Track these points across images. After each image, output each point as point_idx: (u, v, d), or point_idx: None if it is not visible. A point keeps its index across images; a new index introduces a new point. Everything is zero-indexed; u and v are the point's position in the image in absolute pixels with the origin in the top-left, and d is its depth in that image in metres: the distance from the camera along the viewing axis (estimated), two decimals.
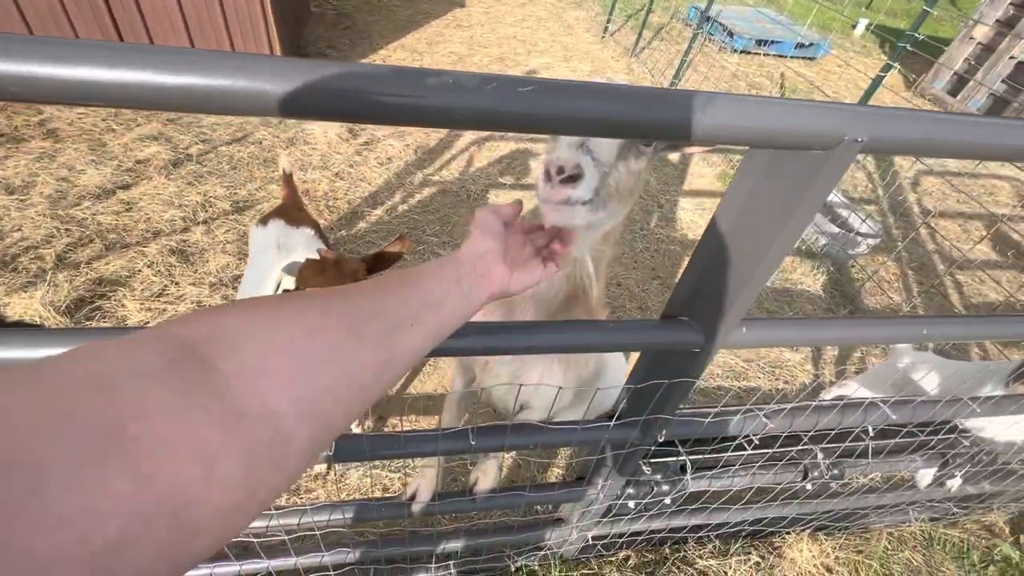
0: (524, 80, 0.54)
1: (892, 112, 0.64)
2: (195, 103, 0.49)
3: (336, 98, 0.50)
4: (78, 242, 2.79)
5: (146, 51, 0.47)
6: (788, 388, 2.80)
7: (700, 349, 0.93)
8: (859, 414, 1.28)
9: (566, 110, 0.55)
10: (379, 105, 0.52)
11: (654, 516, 1.64)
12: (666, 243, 3.61)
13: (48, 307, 2.38)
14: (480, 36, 6.28)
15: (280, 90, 0.49)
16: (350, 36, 5.63)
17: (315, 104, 0.50)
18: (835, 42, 8.15)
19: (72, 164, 3.28)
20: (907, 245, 3.96)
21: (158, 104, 0.48)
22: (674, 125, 0.58)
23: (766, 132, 0.62)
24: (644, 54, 6.33)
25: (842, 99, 6.11)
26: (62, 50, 0.45)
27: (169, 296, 2.61)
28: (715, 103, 0.59)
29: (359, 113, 0.52)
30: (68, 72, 0.45)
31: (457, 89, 0.52)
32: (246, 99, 0.49)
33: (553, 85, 0.55)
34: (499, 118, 0.55)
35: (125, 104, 0.48)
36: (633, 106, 0.57)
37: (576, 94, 0.55)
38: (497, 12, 7.18)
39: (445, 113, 0.53)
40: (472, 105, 0.52)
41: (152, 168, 3.37)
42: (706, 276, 0.88)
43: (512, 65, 5.70)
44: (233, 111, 0.50)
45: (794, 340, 0.95)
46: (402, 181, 3.72)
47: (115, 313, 2.49)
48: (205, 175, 3.41)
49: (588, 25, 7.26)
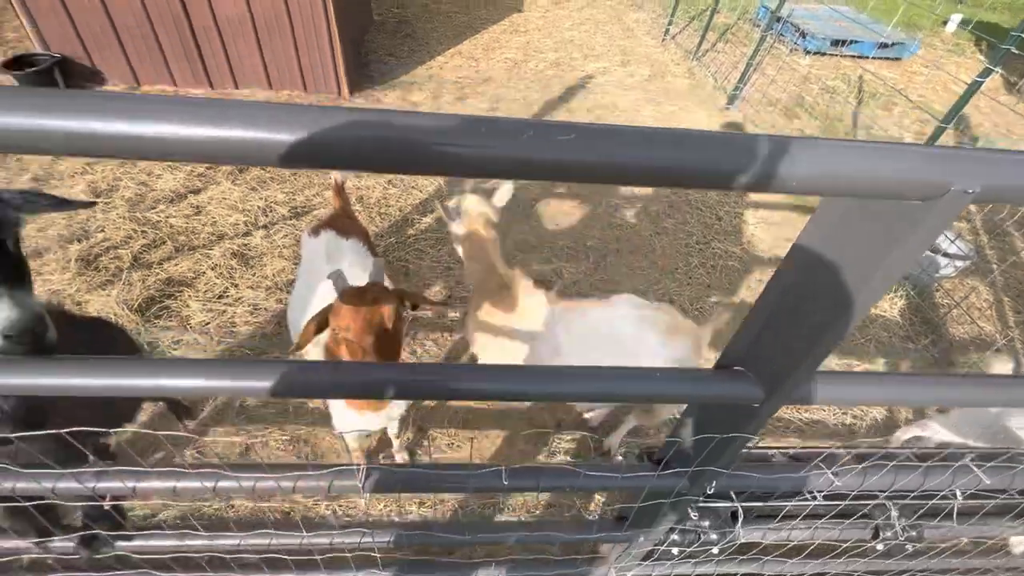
0: (566, 126, 0.48)
1: (1012, 157, 0.53)
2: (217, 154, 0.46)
3: (361, 148, 0.47)
4: (152, 244, 2.98)
5: (164, 102, 0.45)
6: (857, 424, 2.57)
7: (760, 404, 0.83)
8: (946, 476, 1.12)
9: (622, 158, 0.49)
10: (416, 155, 0.47)
11: (700, 563, 1.52)
12: (724, 259, 3.42)
13: (122, 305, 2.56)
14: (537, 41, 6.25)
15: (308, 139, 0.46)
16: (409, 44, 5.75)
17: (333, 154, 0.47)
18: (924, 41, 7.49)
19: (151, 168, 3.52)
20: (1005, 268, 3.55)
21: (170, 155, 0.46)
22: (741, 174, 0.50)
23: (848, 181, 0.53)
24: (707, 57, 6.07)
25: (930, 104, 5.60)
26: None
27: (229, 298, 2.74)
28: (787, 148, 0.51)
29: (388, 163, 0.48)
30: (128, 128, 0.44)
31: (499, 136, 0.47)
32: (268, 149, 0.46)
33: (593, 131, 0.48)
34: (538, 167, 0.49)
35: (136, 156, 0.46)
36: (695, 154, 0.49)
37: (632, 140, 0.49)
38: (555, 16, 7.12)
39: (480, 162, 0.48)
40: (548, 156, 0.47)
41: (220, 173, 3.56)
42: (771, 327, 0.79)
43: (568, 70, 5.62)
44: (257, 161, 0.48)
45: (879, 399, 0.84)
46: (453, 188, 3.73)
47: (180, 312, 2.64)
48: (267, 180, 3.57)
49: (648, 27, 7.06)
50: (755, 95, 5.15)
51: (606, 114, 4.86)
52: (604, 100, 5.09)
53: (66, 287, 2.67)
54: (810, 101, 5.35)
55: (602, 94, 5.21)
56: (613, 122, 4.72)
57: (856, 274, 0.63)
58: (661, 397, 0.85)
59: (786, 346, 0.76)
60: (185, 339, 2.52)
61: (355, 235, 2.06)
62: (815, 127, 4.93)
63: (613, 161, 0.49)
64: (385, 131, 0.46)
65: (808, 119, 5.06)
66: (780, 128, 4.74)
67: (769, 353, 0.80)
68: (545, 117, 4.73)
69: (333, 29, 4.22)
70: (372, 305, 1.28)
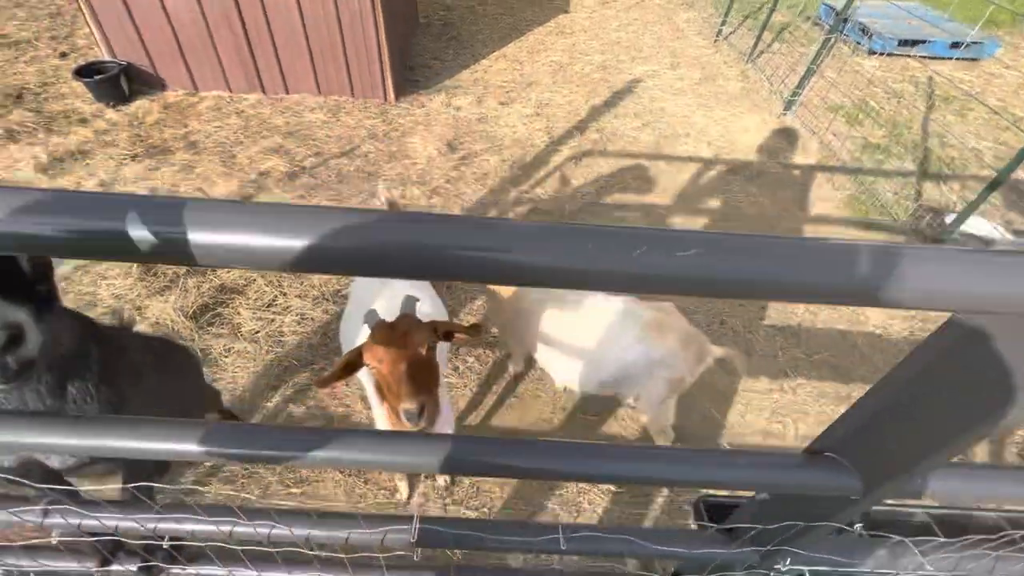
0: (682, 238, 0.42)
1: None
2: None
3: (464, 260, 0.42)
4: None
5: (180, 206, 0.41)
6: None
7: (858, 498, 0.75)
8: None
9: (749, 273, 0.42)
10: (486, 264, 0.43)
11: None
12: None
13: (178, 312, 2.64)
14: (583, 43, 6.12)
15: (373, 247, 0.42)
16: (454, 47, 5.74)
17: (433, 266, 0.42)
18: (1005, 40, 6.93)
19: (207, 175, 3.64)
20: None
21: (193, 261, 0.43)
22: (884, 290, 0.43)
23: (1000, 295, 0.45)
24: (762, 59, 5.80)
25: (1011, 109, 5.17)
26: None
27: (277, 307, 2.79)
28: (933, 260, 0.43)
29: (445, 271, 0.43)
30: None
31: (609, 251, 0.41)
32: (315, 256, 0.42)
33: (715, 244, 0.42)
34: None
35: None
36: (842, 269, 0.43)
37: (759, 252, 0.42)
38: (601, 16, 6.96)
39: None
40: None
41: (271, 180, 3.64)
42: (879, 422, 0.70)
43: (614, 73, 5.49)
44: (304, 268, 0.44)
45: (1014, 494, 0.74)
46: (497, 198, 3.70)
47: (231, 320, 2.71)
48: (315, 187, 3.62)
49: (699, 28, 6.80)
50: (814, 99, 4.88)
51: (654, 120, 4.71)
52: (652, 105, 4.94)
53: (128, 292, 2.78)
54: (874, 106, 5.03)
55: (650, 99, 5.06)
56: (661, 128, 4.58)
57: (995, 393, 0.55)
58: (744, 483, 0.78)
59: (896, 444, 0.68)
60: (236, 347, 2.59)
61: None
62: (880, 135, 4.63)
63: (738, 278, 0.43)
64: (489, 240, 0.41)
65: (872, 126, 4.76)
66: (841, 136, 4.48)
67: (872, 446, 0.72)
68: (591, 122, 4.64)
69: (381, 35, 4.24)
70: (402, 338, 1.32)
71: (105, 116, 4.12)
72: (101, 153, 3.75)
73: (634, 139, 4.46)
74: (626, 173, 4.05)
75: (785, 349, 2.87)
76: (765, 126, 4.73)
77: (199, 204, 0.42)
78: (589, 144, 4.34)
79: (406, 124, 4.35)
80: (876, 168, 4.22)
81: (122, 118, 4.11)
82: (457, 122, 4.43)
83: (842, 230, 3.67)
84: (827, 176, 4.14)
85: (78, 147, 3.76)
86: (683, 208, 3.76)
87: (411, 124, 4.36)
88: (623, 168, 4.10)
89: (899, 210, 3.75)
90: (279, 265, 0.43)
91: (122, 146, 3.83)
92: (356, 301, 1.93)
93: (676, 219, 3.66)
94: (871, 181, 4.04)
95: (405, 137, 4.19)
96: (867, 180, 4.05)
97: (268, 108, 4.38)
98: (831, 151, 4.37)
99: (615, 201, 3.77)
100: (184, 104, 4.35)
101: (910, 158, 4.35)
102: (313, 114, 4.36)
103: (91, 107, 4.18)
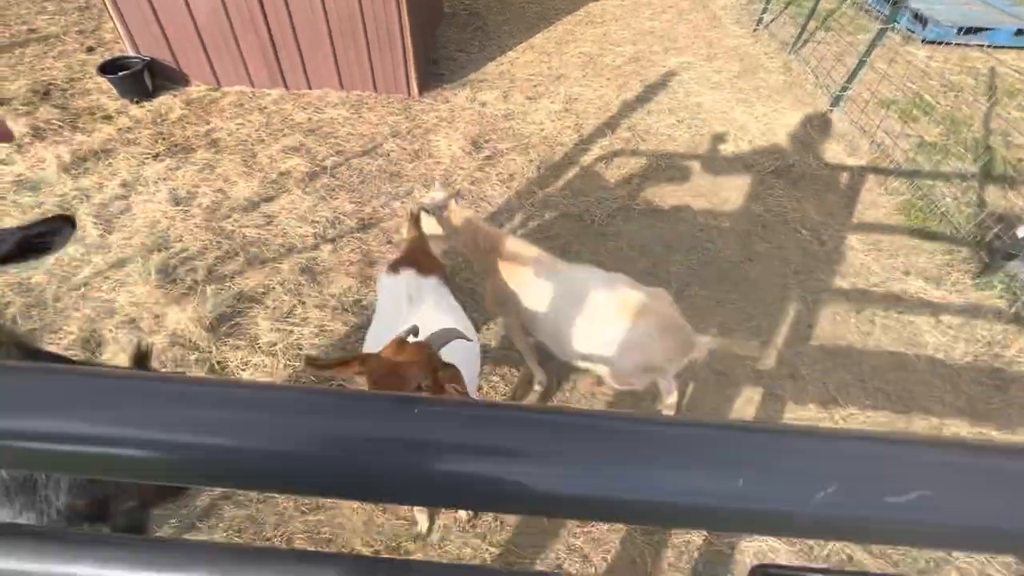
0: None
1: None
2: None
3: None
4: (225, 255, 3.00)
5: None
6: None
7: None
8: None
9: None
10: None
11: None
12: (827, 293, 3.02)
13: (196, 323, 2.57)
14: (613, 33, 5.85)
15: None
16: (480, 38, 5.54)
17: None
18: None
19: (228, 175, 3.56)
20: None
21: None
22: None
23: None
24: (806, 49, 5.45)
25: None
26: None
27: (296, 317, 2.70)
28: None
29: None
30: None
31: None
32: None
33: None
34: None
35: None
36: None
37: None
38: (634, 4, 6.64)
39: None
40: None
41: (292, 181, 3.55)
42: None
43: (647, 65, 5.22)
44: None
45: None
46: (523, 201, 3.53)
47: (249, 331, 2.63)
48: (336, 189, 3.52)
49: (737, 15, 6.44)
50: (863, 94, 4.55)
51: (690, 116, 4.45)
52: (688, 100, 4.67)
53: (146, 299, 2.72)
54: (930, 101, 4.67)
55: (685, 93, 4.79)
56: (697, 125, 4.32)
57: None
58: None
59: None
60: (253, 360, 2.51)
61: (435, 272, 1.92)
62: (937, 133, 4.29)
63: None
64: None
65: (928, 124, 4.41)
66: (894, 134, 4.16)
67: None
68: (622, 119, 4.41)
69: (405, 29, 4.09)
70: (395, 365, 1.28)
71: (129, 112, 4.08)
72: (124, 152, 3.71)
73: (668, 137, 4.22)
74: (660, 175, 3.83)
75: (832, 372, 2.66)
76: (810, 123, 4.42)
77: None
78: (620, 143, 4.12)
79: (429, 121, 4.20)
80: (934, 170, 3.90)
81: (145, 115, 4.07)
82: (482, 118, 4.26)
83: (901, 239, 3.40)
84: (879, 179, 3.85)
85: (101, 146, 3.73)
86: (721, 214, 3.54)
87: (435, 121, 4.21)
88: (656, 169, 3.88)
89: (960, 218, 3.46)
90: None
91: (144, 144, 3.78)
92: (384, 321, 1.82)
93: (713, 225, 3.44)
94: (928, 185, 3.74)
95: (428, 135, 4.05)
96: (924, 184, 3.74)
97: (290, 104, 4.29)
98: (883, 151, 4.06)
99: (648, 204, 3.57)
100: (207, 100, 4.28)
101: (971, 159, 4.02)
102: (335, 110, 4.24)
103: (116, 103, 4.14)
